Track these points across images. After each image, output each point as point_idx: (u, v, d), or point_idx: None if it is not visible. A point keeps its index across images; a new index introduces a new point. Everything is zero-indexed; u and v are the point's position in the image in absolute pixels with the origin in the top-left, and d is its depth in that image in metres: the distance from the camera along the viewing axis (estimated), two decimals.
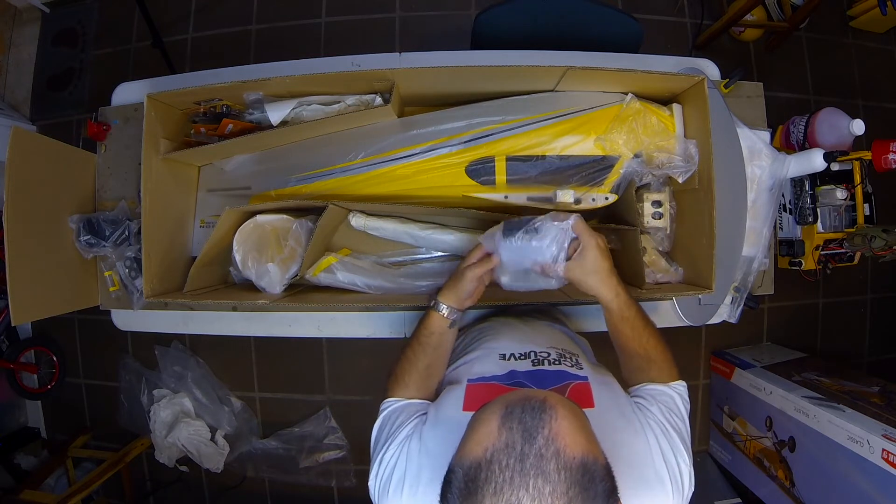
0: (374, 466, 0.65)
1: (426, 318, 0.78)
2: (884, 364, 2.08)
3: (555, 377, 0.70)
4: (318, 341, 2.03)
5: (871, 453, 1.26)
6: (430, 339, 0.76)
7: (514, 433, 0.44)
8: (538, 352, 0.76)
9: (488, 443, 0.44)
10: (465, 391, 0.69)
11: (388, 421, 0.70)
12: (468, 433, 0.48)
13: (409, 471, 0.61)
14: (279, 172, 1.05)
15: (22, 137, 0.99)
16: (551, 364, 0.73)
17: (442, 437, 0.62)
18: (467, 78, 0.96)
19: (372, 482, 0.65)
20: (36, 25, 2.22)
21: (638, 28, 1.28)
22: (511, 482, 0.42)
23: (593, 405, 0.65)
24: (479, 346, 0.82)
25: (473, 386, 0.70)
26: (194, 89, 0.93)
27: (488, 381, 0.71)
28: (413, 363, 0.76)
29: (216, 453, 1.97)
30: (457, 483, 0.45)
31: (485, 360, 0.76)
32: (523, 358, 0.75)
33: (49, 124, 2.15)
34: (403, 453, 0.63)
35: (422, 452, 0.62)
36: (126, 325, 1.21)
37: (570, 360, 0.74)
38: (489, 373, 0.72)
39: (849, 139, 1.09)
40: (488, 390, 0.69)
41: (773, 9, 2.05)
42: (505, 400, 0.48)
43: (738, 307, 1.11)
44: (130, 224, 1.11)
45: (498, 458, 0.43)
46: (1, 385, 2.01)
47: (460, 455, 0.47)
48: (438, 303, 0.77)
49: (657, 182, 0.99)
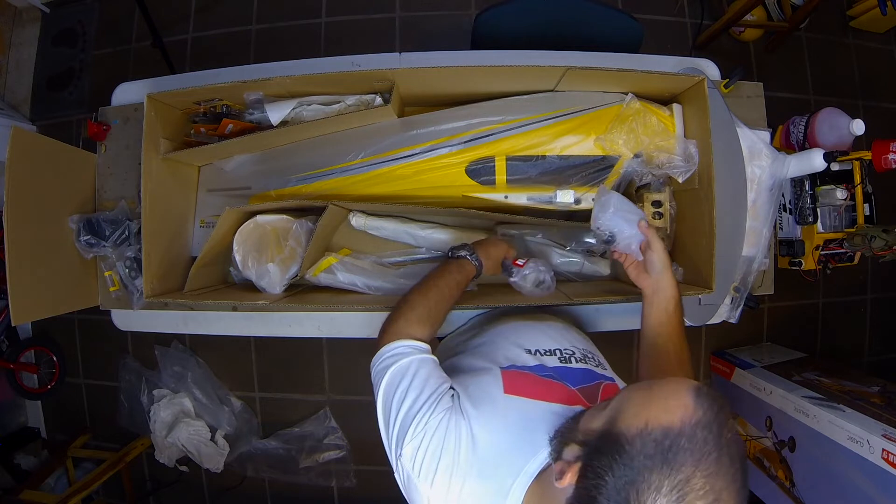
0: (416, 434, 0.56)
1: (451, 264, 0.79)
2: (884, 364, 2.08)
3: (583, 375, 0.69)
4: (318, 341, 2.02)
5: (871, 453, 1.26)
6: (449, 282, 0.76)
7: (709, 414, 0.44)
8: (563, 349, 0.74)
9: (685, 415, 0.44)
10: (501, 376, 0.64)
11: (409, 371, 0.62)
12: (649, 399, 0.46)
13: (459, 461, 0.54)
14: (279, 172, 1.05)
15: (22, 137, 0.99)
16: (577, 362, 0.72)
17: (487, 421, 0.57)
18: (467, 78, 0.96)
19: (410, 453, 0.55)
20: (36, 25, 2.22)
21: (638, 28, 1.28)
22: (708, 456, 0.42)
23: None
24: (500, 340, 0.78)
25: (508, 372, 0.65)
26: (194, 89, 0.93)
27: (522, 371, 0.67)
28: (423, 301, 0.72)
29: (216, 453, 1.97)
30: (644, 448, 0.43)
31: (510, 352, 0.72)
32: (549, 354, 0.73)
33: (49, 124, 2.15)
34: (452, 433, 0.55)
35: (469, 439, 0.55)
36: (126, 325, 1.21)
37: (593, 361, 0.74)
38: (520, 363, 0.69)
39: (849, 139, 1.09)
40: (525, 378, 0.65)
41: (773, 9, 2.05)
42: (687, 381, 0.48)
43: (738, 307, 1.10)
44: (130, 224, 1.11)
45: (698, 431, 0.43)
46: (1, 385, 2.01)
47: (644, 419, 0.44)
48: (476, 256, 0.81)
49: (657, 182, 0.99)
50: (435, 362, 0.65)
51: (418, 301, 0.73)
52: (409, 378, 0.61)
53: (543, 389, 0.63)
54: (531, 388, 0.63)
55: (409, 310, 0.71)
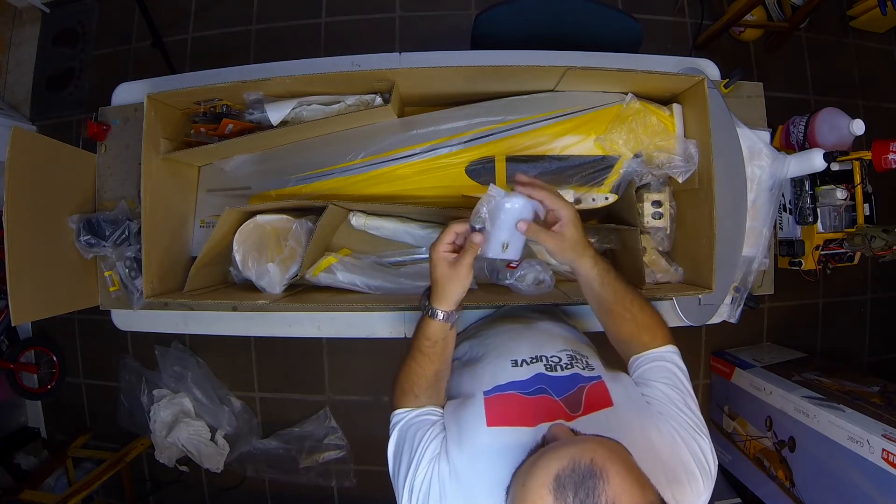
0: (404, 492, 0.63)
1: (424, 326, 0.71)
2: (884, 364, 2.08)
3: (569, 381, 0.69)
4: (318, 341, 2.03)
5: (871, 453, 1.26)
6: (434, 348, 0.71)
7: None
8: (549, 357, 0.74)
9: None
10: (483, 405, 0.67)
11: (406, 436, 0.67)
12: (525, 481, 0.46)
13: (445, 500, 0.59)
14: (279, 172, 1.05)
15: (22, 137, 0.99)
16: (563, 370, 0.72)
17: (470, 460, 0.61)
18: (467, 78, 0.96)
19: None
20: (36, 25, 2.23)
21: (638, 28, 1.28)
22: None
23: (612, 403, 0.66)
24: (486, 353, 0.80)
25: (491, 399, 0.68)
26: (194, 89, 0.93)
27: (505, 392, 0.69)
28: (420, 374, 0.71)
29: (216, 453, 1.97)
30: None
31: (496, 367, 0.74)
32: (535, 362, 0.73)
33: (49, 124, 2.15)
34: (435, 479, 0.61)
35: (453, 478, 0.60)
36: (126, 325, 1.21)
37: (581, 363, 0.74)
38: (503, 380, 0.70)
39: (849, 139, 1.09)
40: (507, 401, 0.67)
41: (773, 9, 2.05)
42: (548, 468, 0.46)
43: (738, 307, 1.10)
44: (130, 224, 1.11)
45: None
46: (1, 385, 2.01)
47: None
48: (434, 310, 0.70)
49: (657, 182, 0.99)
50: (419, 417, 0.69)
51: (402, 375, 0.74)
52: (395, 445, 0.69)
53: (527, 412, 0.65)
54: (514, 412, 0.65)
55: (396, 385, 0.74)
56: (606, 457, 0.46)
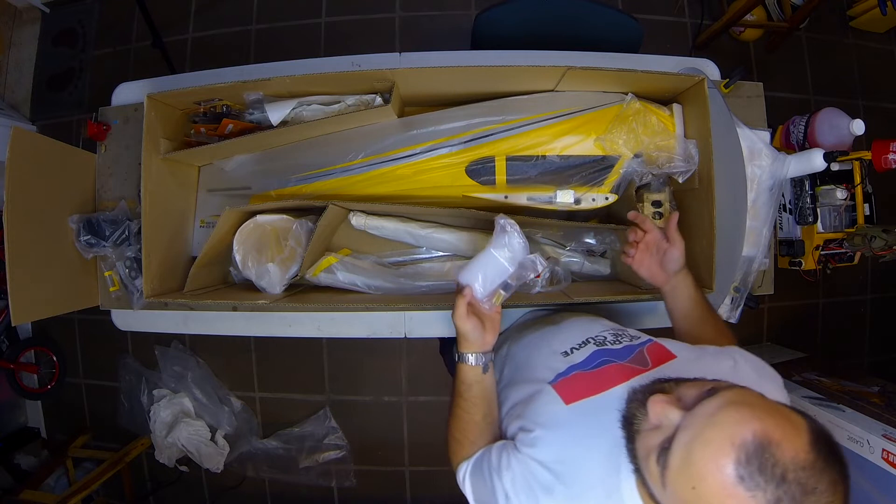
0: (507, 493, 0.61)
1: (459, 373, 0.73)
2: (884, 364, 2.08)
3: (625, 350, 0.70)
4: (318, 341, 2.03)
5: (871, 453, 1.26)
6: (473, 392, 0.72)
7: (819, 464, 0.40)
8: (593, 337, 0.74)
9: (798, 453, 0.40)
10: (554, 391, 0.65)
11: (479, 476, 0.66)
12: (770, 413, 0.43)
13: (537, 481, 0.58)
14: (279, 172, 1.05)
15: (22, 137, 0.99)
16: (612, 344, 0.72)
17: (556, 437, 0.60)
18: (467, 78, 0.96)
19: None
20: (36, 25, 2.22)
21: (638, 28, 1.28)
22: None
23: (675, 356, 0.67)
24: (534, 355, 0.78)
25: (558, 384, 0.67)
26: (194, 89, 0.93)
27: (569, 374, 0.68)
28: (469, 421, 0.71)
29: (216, 453, 1.97)
30: None
31: (549, 363, 0.73)
32: (585, 345, 0.73)
33: (49, 124, 2.15)
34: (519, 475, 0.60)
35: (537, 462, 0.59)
36: (126, 325, 1.21)
37: (626, 336, 0.74)
38: (563, 368, 0.70)
39: (849, 139, 1.09)
40: (575, 380, 0.67)
41: (773, 9, 2.05)
42: (723, 440, 0.41)
43: (738, 307, 1.10)
44: (130, 224, 1.11)
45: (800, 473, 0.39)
46: (1, 385, 2.01)
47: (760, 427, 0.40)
48: (463, 354, 0.72)
49: (657, 182, 0.99)
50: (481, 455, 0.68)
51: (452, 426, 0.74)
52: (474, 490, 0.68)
53: (599, 381, 0.65)
54: (587, 385, 0.65)
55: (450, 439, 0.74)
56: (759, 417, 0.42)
